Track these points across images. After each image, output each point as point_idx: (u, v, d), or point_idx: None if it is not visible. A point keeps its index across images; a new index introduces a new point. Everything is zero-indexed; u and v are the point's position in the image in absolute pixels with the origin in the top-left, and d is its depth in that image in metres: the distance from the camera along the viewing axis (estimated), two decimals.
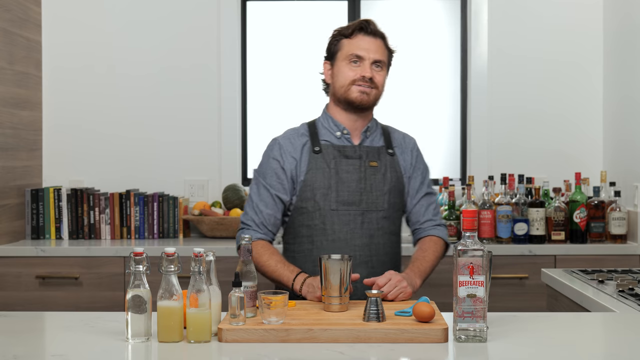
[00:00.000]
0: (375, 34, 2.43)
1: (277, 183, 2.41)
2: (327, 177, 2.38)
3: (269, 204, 2.42)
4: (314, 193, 2.38)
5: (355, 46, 2.41)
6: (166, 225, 3.90)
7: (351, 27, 2.44)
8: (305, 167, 2.40)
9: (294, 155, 2.42)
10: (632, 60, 3.72)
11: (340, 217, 2.37)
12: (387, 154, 2.46)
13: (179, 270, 1.80)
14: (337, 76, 2.44)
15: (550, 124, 4.10)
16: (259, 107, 4.27)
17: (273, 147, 2.47)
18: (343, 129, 2.44)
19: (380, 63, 2.41)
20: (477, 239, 1.80)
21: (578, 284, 2.56)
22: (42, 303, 3.53)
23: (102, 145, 4.12)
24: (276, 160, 2.43)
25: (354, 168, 2.40)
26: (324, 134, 2.45)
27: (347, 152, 2.42)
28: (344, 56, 2.42)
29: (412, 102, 4.26)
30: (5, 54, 3.68)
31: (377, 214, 2.40)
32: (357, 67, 2.40)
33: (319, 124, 2.49)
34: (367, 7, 4.23)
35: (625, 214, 3.64)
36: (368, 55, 2.39)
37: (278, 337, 1.79)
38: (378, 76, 2.41)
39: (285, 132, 2.51)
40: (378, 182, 2.41)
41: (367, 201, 2.39)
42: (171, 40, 4.13)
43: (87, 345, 1.80)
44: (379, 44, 2.43)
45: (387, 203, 2.41)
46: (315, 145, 2.42)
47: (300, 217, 2.42)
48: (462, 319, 1.78)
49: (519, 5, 4.10)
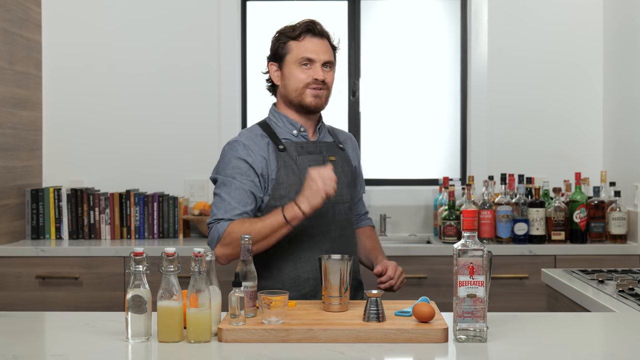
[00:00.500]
0: (322, 34, 2.44)
1: (249, 181, 2.34)
2: (297, 173, 2.38)
3: (243, 200, 2.31)
4: (289, 190, 2.35)
5: (305, 49, 2.40)
6: (166, 225, 3.90)
7: (298, 29, 2.43)
8: (275, 165, 2.37)
9: (262, 154, 2.37)
10: (632, 61, 3.72)
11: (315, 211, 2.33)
12: (338, 148, 2.52)
13: (179, 270, 1.80)
14: (288, 79, 2.42)
15: (550, 124, 4.10)
16: (258, 107, 4.26)
17: (236, 148, 2.38)
18: (300, 127, 2.45)
19: (329, 64, 2.43)
20: (477, 239, 1.80)
21: (578, 284, 2.56)
22: (42, 303, 3.53)
23: (102, 145, 4.12)
24: (243, 160, 2.35)
25: (318, 163, 2.41)
26: (281, 133, 2.44)
27: (309, 148, 2.44)
28: (294, 59, 2.41)
29: (413, 102, 4.26)
30: (5, 54, 3.68)
31: (344, 206, 2.45)
32: (308, 70, 2.40)
33: (272, 123, 2.46)
34: (367, 7, 4.23)
35: (625, 214, 3.64)
36: (318, 57, 2.40)
37: (278, 337, 1.79)
38: (329, 77, 2.43)
39: (242, 133, 2.45)
40: (339, 175, 2.43)
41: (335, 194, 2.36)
42: (171, 39, 4.13)
43: (87, 345, 1.80)
44: (326, 44, 2.44)
45: (349, 195, 2.48)
46: (278, 143, 2.41)
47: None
48: (462, 319, 1.78)
49: (519, 5, 4.10)
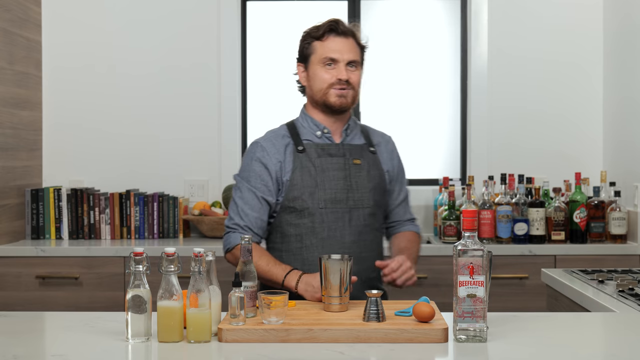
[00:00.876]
0: (345, 33, 2.42)
1: (262, 185, 2.39)
2: (313, 175, 2.37)
3: (255, 206, 2.39)
4: (302, 192, 2.36)
5: (328, 49, 2.40)
6: (166, 225, 3.90)
7: (321, 29, 2.42)
8: (290, 166, 2.39)
9: (278, 156, 2.40)
10: (632, 61, 3.72)
11: (328, 215, 2.37)
12: (369, 152, 2.48)
13: (179, 270, 1.80)
14: (313, 80, 2.43)
15: (550, 124, 4.10)
16: (259, 107, 4.27)
17: (255, 149, 2.44)
18: (323, 128, 2.44)
19: (354, 63, 2.41)
20: (477, 239, 1.80)
21: (578, 284, 2.56)
22: (42, 303, 3.53)
23: (102, 145, 4.12)
24: (259, 162, 2.40)
25: (339, 166, 2.40)
26: (304, 134, 2.45)
27: (330, 150, 2.42)
28: (317, 59, 2.41)
29: (412, 102, 4.26)
30: (5, 54, 3.68)
31: (364, 211, 2.41)
32: (332, 70, 2.39)
33: (298, 124, 2.48)
34: (367, 7, 4.23)
35: (625, 214, 3.64)
36: (342, 57, 2.39)
37: (278, 337, 1.79)
38: (354, 76, 2.41)
39: (266, 134, 2.49)
40: (363, 179, 2.41)
41: (353, 198, 2.39)
42: (171, 39, 4.13)
43: (87, 345, 1.80)
44: (351, 43, 2.42)
45: (373, 200, 2.43)
46: (298, 144, 2.41)
47: (288, 217, 2.40)
48: (462, 319, 1.78)
49: (519, 5, 4.10)
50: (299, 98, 4.29)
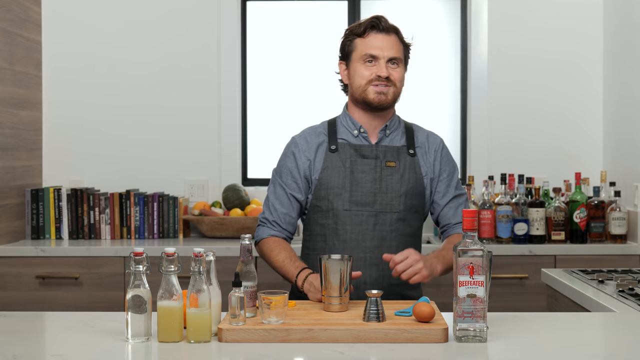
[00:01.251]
0: (387, 30, 2.39)
1: (292, 182, 2.41)
2: (342, 176, 2.36)
3: (284, 202, 2.41)
4: (328, 192, 2.36)
5: (369, 45, 2.37)
6: (166, 225, 3.90)
7: (363, 25, 2.40)
8: (320, 165, 2.38)
9: (308, 154, 2.40)
10: (632, 60, 3.72)
11: (352, 217, 2.35)
12: (407, 154, 2.41)
13: (179, 270, 1.80)
14: (353, 77, 2.40)
15: (550, 124, 4.10)
16: (259, 107, 4.27)
17: (290, 145, 2.46)
18: (360, 127, 2.41)
19: (396, 60, 2.38)
20: (477, 239, 1.80)
21: (578, 284, 2.56)
22: (42, 303, 3.53)
23: (102, 145, 4.12)
24: (291, 159, 2.42)
25: (370, 168, 2.36)
26: (342, 133, 2.43)
27: (364, 151, 2.39)
28: (358, 56, 2.38)
29: (412, 102, 4.26)
30: (5, 54, 3.68)
31: (392, 216, 2.35)
32: (372, 67, 2.36)
33: (338, 122, 2.46)
34: (367, 7, 4.23)
35: (625, 214, 3.64)
36: (382, 54, 2.36)
37: (278, 337, 1.79)
38: (395, 73, 2.38)
39: (304, 130, 2.49)
40: (394, 183, 2.36)
41: (381, 202, 2.35)
42: (171, 40, 4.13)
43: (87, 345, 1.80)
44: (393, 40, 2.39)
45: (403, 205, 2.36)
46: (332, 143, 2.40)
47: (315, 216, 2.40)
48: (462, 319, 1.78)
49: (519, 5, 4.10)
50: (299, 98, 4.31)
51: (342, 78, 2.47)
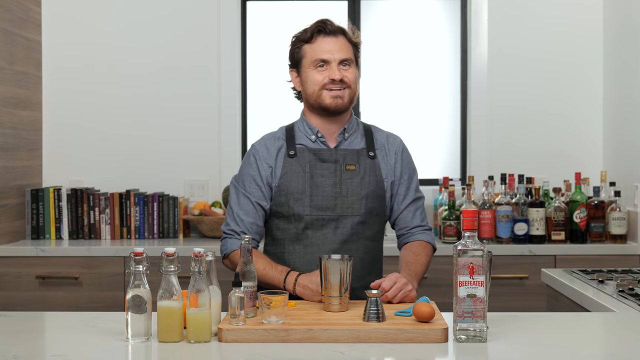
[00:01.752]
0: (334, 32, 2.37)
1: (256, 190, 2.37)
2: (302, 181, 2.33)
3: (250, 212, 2.37)
4: (288, 198, 2.33)
5: (318, 50, 2.35)
6: (166, 225, 3.90)
7: (309, 31, 2.38)
8: (280, 171, 2.35)
9: (269, 161, 2.37)
10: (632, 61, 3.72)
11: (313, 222, 2.32)
12: (367, 156, 2.38)
13: (179, 270, 1.80)
14: (306, 83, 2.38)
15: (550, 124, 4.10)
16: (258, 107, 4.27)
17: (250, 154, 2.41)
18: (317, 132, 2.38)
19: (347, 61, 2.35)
20: (477, 239, 1.80)
21: (578, 284, 2.56)
22: (42, 303, 3.53)
23: (102, 145, 4.12)
24: (253, 167, 2.38)
25: (329, 172, 2.34)
26: (299, 138, 2.40)
27: (323, 155, 2.36)
28: (309, 62, 2.36)
29: (412, 102, 4.26)
30: (5, 54, 3.68)
31: (353, 219, 2.33)
32: (324, 71, 2.33)
33: (296, 127, 2.43)
34: (367, 7, 4.23)
35: (625, 214, 3.64)
36: (333, 57, 2.33)
37: (278, 337, 1.79)
38: (348, 74, 2.34)
39: (263, 137, 2.46)
40: (355, 186, 2.34)
41: (342, 206, 2.33)
42: (171, 39, 4.13)
43: (87, 345, 1.80)
44: (342, 41, 2.36)
45: (364, 208, 2.33)
46: (290, 149, 2.37)
47: (277, 221, 2.38)
48: (462, 319, 1.78)
49: (519, 5, 4.10)
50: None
51: (294, 86, 2.45)
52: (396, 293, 2.13)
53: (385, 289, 2.12)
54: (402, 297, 2.14)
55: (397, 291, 2.13)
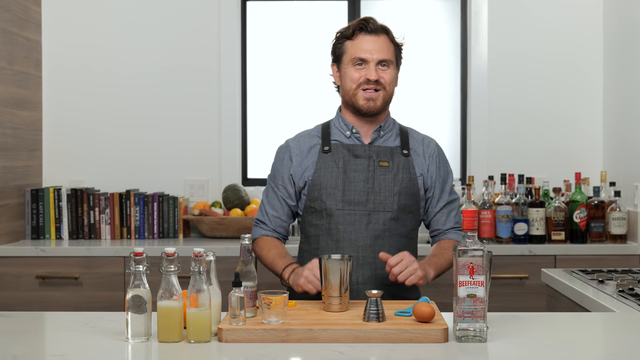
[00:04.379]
0: (376, 31, 2.36)
1: (283, 187, 2.42)
2: (335, 176, 2.35)
3: (275, 205, 2.44)
4: (321, 192, 2.35)
5: (358, 48, 2.35)
6: (166, 225, 3.90)
7: (352, 28, 2.38)
8: (313, 167, 2.38)
9: (301, 157, 2.41)
10: (632, 61, 3.72)
11: (345, 217, 2.34)
12: (401, 154, 2.39)
13: (179, 270, 1.80)
14: (344, 80, 2.39)
15: (550, 124, 4.10)
16: (259, 107, 4.27)
17: (282, 149, 2.47)
18: (352, 128, 2.40)
19: (386, 62, 2.35)
20: (477, 239, 1.80)
21: (578, 284, 2.56)
22: (42, 303, 3.53)
23: (102, 145, 4.12)
24: (283, 163, 2.43)
25: (363, 167, 2.35)
26: (335, 134, 2.42)
27: (356, 151, 2.38)
28: (348, 59, 2.37)
29: (412, 102, 4.26)
30: (5, 54, 3.68)
31: (385, 215, 2.34)
32: (362, 69, 2.34)
33: (331, 124, 2.46)
34: (367, 7, 4.23)
35: (625, 214, 3.64)
36: (372, 57, 2.33)
37: (278, 337, 1.79)
38: (385, 75, 2.35)
39: (298, 134, 2.49)
40: (388, 182, 2.35)
41: (374, 201, 2.34)
42: (171, 40, 4.13)
43: (87, 345, 1.80)
44: (383, 41, 2.36)
45: (397, 204, 2.34)
46: (325, 145, 2.39)
47: (309, 217, 2.40)
48: (462, 319, 1.78)
49: (519, 5, 4.10)
50: (299, 98, 4.30)
51: (335, 80, 2.47)
52: (402, 269, 2.15)
53: (391, 264, 2.15)
54: (407, 275, 2.15)
55: (402, 267, 2.15)
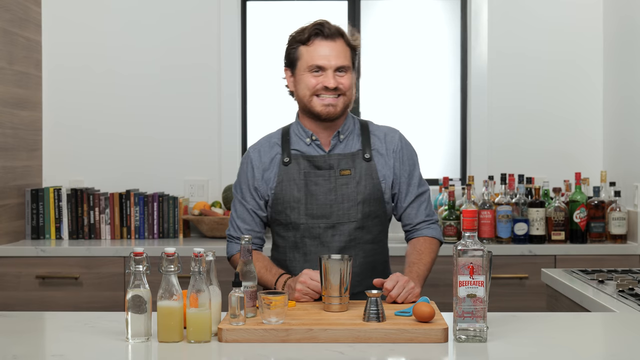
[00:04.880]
0: (332, 36, 2.29)
1: (251, 199, 2.37)
2: (297, 189, 2.31)
3: (246, 219, 2.38)
4: (284, 206, 2.32)
5: (315, 55, 2.27)
6: (166, 225, 3.90)
7: (307, 32, 2.30)
8: (275, 179, 2.33)
9: (262, 170, 2.35)
10: (632, 60, 3.72)
11: (310, 230, 2.31)
12: (363, 159, 2.34)
13: (179, 270, 1.80)
14: (298, 85, 2.32)
15: (550, 124, 4.10)
16: (259, 107, 4.27)
17: (245, 161, 2.40)
18: (312, 135, 2.34)
19: (343, 68, 2.29)
20: (477, 239, 1.80)
21: (578, 284, 2.56)
22: (42, 303, 3.53)
23: (102, 145, 4.12)
24: (248, 176, 2.37)
25: (324, 179, 2.31)
26: (295, 142, 2.36)
27: (317, 162, 2.32)
28: (304, 66, 2.28)
29: (412, 102, 4.26)
30: (5, 54, 3.68)
31: (350, 225, 2.30)
32: (319, 76, 2.28)
33: (291, 131, 2.40)
34: (367, 7, 4.23)
35: (625, 214, 3.64)
36: (329, 64, 2.26)
37: (278, 337, 1.79)
38: (344, 81, 2.27)
39: (259, 142, 2.42)
40: (350, 192, 2.30)
41: (337, 213, 2.31)
42: (171, 40, 4.13)
43: (87, 345, 1.80)
44: (340, 46, 2.28)
45: (361, 213, 2.30)
46: (285, 156, 2.34)
47: (277, 228, 2.39)
48: (462, 319, 1.78)
49: (519, 5, 4.10)
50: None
51: (288, 85, 2.39)
52: (399, 291, 2.11)
53: (388, 288, 2.10)
54: (406, 295, 2.11)
55: (400, 289, 2.11)
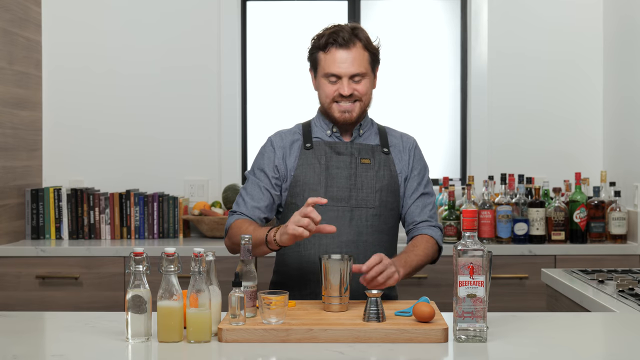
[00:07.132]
0: (347, 44, 2.32)
1: (265, 177, 2.39)
2: (317, 172, 2.36)
3: (255, 196, 2.37)
4: (303, 189, 2.35)
5: (331, 63, 2.31)
6: (166, 225, 3.90)
7: (324, 38, 2.34)
8: (296, 163, 2.38)
9: (284, 150, 2.40)
10: (632, 60, 3.72)
11: (328, 213, 2.32)
12: (381, 152, 2.41)
13: (179, 270, 1.80)
14: (319, 90, 2.40)
15: (550, 124, 4.10)
16: (259, 107, 4.27)
17: (266, 144, 2.46)
18: (332, 127, 2.41)
19: (359, 75, 2.34)
20: (477, 239, 1.80)
21: (578, 284, 2.56)
22: (42, 303, 3.53)
23: (102, 145, 4.12)
24: (265, 157, 2.42)
25: (345, 164, 2.36)
26: (316, 132, 2.43)
27: (338, 148, 2.38)
28: (322, 72, 2.35)
29: (412, 102, 4.26)
30: (5, 54, 3.68)
31: (367, 211, 2.35)
32: (335, 84, 2.33)
33: (312, 123, 2.47)
34: (367, 7, 4.23)
35: (625, 214, 3.64)
36: (344, 72, 2.31)
37: (278, 337, 1.79)
38: (360, 87, 2.34)
39: (279, 131, 2.50)
40: (370, 179, 2.36)
41: (356, 198, 2.35)
42: (171, 40, 4.13)
43: (87, 345, 1.80)
44: (355, 53, 2.33)
45: (379, 201, 2.35)
46: (307, 142, 2.40)
47: (290, 213, 2.37)
48: (462, 319, 1.78)
49: (519, 5, 4.10)
50: (299, 98, 4.29)
51: (313, 85, 2.45)
52: (374, 275, 2.05)
53: (365, 270, 2.06)
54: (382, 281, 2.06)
55: (376, 273, 2.05)
